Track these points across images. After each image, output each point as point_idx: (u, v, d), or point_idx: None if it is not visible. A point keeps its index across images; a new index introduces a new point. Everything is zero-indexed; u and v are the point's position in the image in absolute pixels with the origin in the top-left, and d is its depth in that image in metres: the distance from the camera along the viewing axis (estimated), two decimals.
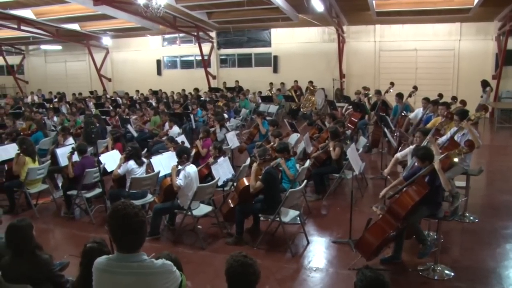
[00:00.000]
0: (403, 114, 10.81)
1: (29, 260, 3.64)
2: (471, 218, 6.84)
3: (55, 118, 13.51)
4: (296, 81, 19.78)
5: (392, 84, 12.12)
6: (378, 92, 12.09)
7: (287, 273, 5.48)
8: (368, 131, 12.15)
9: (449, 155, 5.41)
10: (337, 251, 6.00)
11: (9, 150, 8.37)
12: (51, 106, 16.68)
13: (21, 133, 9.95)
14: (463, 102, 11.68)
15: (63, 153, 7.93)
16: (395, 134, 10.05)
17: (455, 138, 6.60)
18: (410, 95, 11.21)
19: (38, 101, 20.24)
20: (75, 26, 19.85)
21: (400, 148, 9.26)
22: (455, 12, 15.50)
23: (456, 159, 5.68)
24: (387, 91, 11.99)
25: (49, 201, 8.24)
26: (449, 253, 5.76)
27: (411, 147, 6.87)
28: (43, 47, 24.64)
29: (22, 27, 17.77)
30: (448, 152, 5.49)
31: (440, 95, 12.35)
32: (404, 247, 5.50)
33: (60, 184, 8.49)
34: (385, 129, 9.02)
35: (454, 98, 12.50)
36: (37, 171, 7.65)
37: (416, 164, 5.64)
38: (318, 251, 6.06)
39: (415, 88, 11.78)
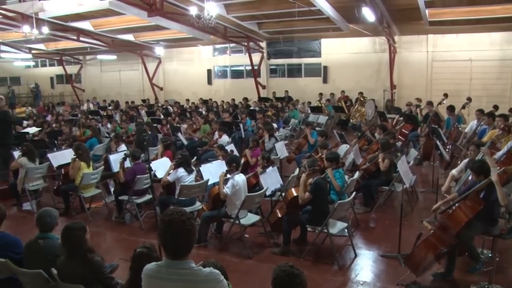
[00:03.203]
0: (455, 125, 10.51)
1: (82, 261, 3.75)
2: None
3: (108, 125, 13.95)
4: (343, 92, 19.59)
5: (445, 95, 11.79)
6: (429, 104, 11.80)
7: (334, 286, 5.40)
8: (419, 143, 11.86)
9: (506, 170, 5.19)
10: (385, 265, 5.86)
11: (66, 155, 8.73)
12: (105, 114, 17.27)
13: (77, 139, 10.33)
14: None
15: (115, 159, 8.17)
16: (448, 147, 9.78)
17: None
18: (463, 107, 10.88)
19: (93, 109, 21.01)
20: (129, 37, 20.59)
21: (452, 161, 9.02)
22: None
23: None
24: (440, 103, 11.68)
25: (101, 205, 8.52)
26: (505, 273, 5.50)
27: (465, 161, 6.65)
28: (99, 57, 25.66)
29: (81, 38, 18.61)
30: (506, 167, 5.26)
31: (496, 107, 11.91)
32: (456, 264, 5.30)
33: (112, 189, 8.75)
34: (437, 142, 8.78)
35: (511, 110, 12.03)
36: (91, 176, 7.91)
37: (470, 178, 5.44)
38: (365, 265, 5.94)
39: (469, 99, 11.41)
